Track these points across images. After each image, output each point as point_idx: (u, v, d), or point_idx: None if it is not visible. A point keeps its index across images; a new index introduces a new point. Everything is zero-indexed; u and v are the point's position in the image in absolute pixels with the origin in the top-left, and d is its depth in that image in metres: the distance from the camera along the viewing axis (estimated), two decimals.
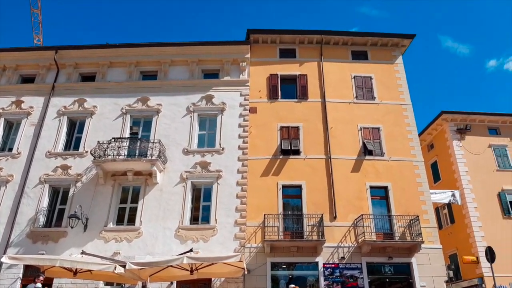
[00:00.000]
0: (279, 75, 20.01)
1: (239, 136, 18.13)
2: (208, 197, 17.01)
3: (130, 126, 18.54)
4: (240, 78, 19.61)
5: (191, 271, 13.72)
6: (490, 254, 15.00)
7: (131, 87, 19.58)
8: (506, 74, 78.29)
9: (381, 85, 20.25)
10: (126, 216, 16.77)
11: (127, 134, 18.31)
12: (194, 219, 16.76)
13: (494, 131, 25.37)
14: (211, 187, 17.08)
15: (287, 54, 20.85)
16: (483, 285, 20.70)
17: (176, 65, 20.02)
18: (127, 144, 17.43)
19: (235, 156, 17.68)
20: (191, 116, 18.65)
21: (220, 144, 17.91)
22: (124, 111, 18.91)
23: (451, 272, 20.40)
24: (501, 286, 19.60)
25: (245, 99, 19.03)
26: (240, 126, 18.40)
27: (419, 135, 25.55)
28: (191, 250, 15.00)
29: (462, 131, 24.74)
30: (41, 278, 11.29)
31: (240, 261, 13.43)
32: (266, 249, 15.81)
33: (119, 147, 16.92)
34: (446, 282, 16.60)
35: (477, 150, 24.36)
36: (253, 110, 18.92)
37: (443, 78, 78.81)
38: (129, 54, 20.08)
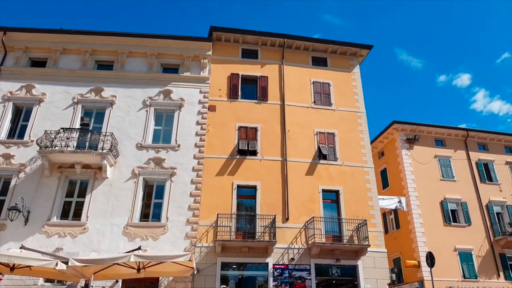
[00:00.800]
0: (240, 75, 19.97)
1: (196, 134, 17.88)
2: (160, 194, 16.61)
3: (81, 117, 17.70)
4: (200, 75, 19.34)
5: (138, 270, 13.31)
6: (430, 259, 15.80)
7: (85, 76, 18.71)
8: (454, 89, 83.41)
9: (338, 92, 20.80)
10: (72, 211, 15.99)
11: (77, 125, 17.45)
12: (144, 216, 16.30)
13: (440, 143, 26.85)
14: (164, 184, 16.69)
15: (249, 54, 20.86)
16: None
17: (134, 56, 19.40)
18: (77, 135, 16.61)
19: (191, 153, 17.40)
20: (147, 110, 18.13)
21: (176, 140, 17.56)
22: (75, 100, 18.03)
23: (394, 275, 21.32)
24: None
25: (204, 97, 18.79)
26: (198, 123, 18.14)
27: (371, 142, 26.56)
28: (139, 248, 14.51)
29: (411, 141, 25.96)
30: None
31: (189, 260, 13.23)
32: (217, 249, 15.70)
33: (68, 138, 16.09)
34: (389, 284, 17.33)
35: (423, 159, 25.67)
36: (212, 108, 18.74)
37: (397, 89, 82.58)
38: (84, 41, 19.18)
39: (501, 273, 23.22)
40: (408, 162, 25.33)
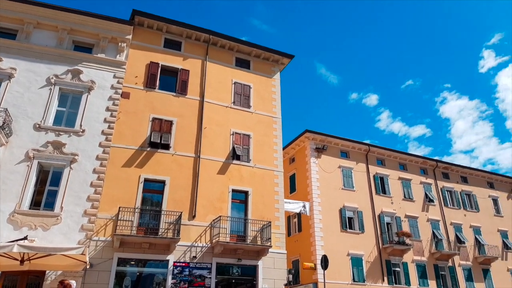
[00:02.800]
0: (160, 65, 19.22)
1: (105, 120, 16.73)
2: (56, 182, 15.18)
3: None
4: (116, 58, 18.15)
5: (22, 261, 12.12)
6: (324, 262, 16.80)
7: None
8: (363, 107, 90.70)
9: (257, 96, 21.17)
10: None
11: None
12: (35, 204, 14.76)
13: (345, 154, 28.84)
14: (62, 170, 15.32)
15: (172, 45, 20.19)
16: None
17: (43, 29, 17.54)
18: None
19: (96, 141, 16.23)
20: (50, 89, 16.49)
21: (81, 125, 16.24)
22: None
23: (291, 276, 22.22)
24: None
25: (118, 82, 17.67)
26: (108, 109, 17.00)
27: (284, 148, 27.58)
28: (25, 238, 13.22)
29: (319, 150, 27.46)
30: None
31: (82, 254, 12.41)
32: (115, 244, 14.85)
33: None
34: (285, 285, 18.03)
35: (329, 169, 27.32)
36: (125, 95, 17.72)
37: (312, 101, 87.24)
38: None
39: (385, 278, 25.63)
40: (315, 170, 26.73)
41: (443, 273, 28.18)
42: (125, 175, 16.31)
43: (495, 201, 34.30)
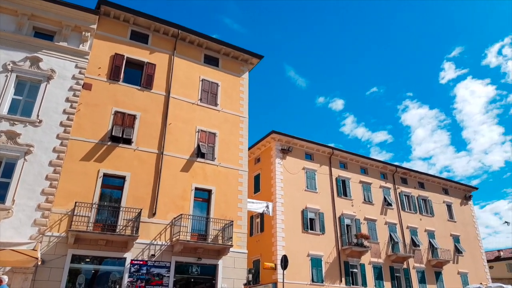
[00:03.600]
0: (125, 57, 18.68)
1: (64, 112, 16.04)
2: (9, 173, 14.39)
3: None
4: (79, 48, 17.46)
5: None
6: (284, 262, 16.94)
7: None
8: (329, 111, 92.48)
9: (225, 94, 21.05)
10: None
11: None
12: None
13: (309, 157, 29.25)
14: (15, 162, 14.54)
15: (139, 38, 19.68)
16: None
17: (1, 12, 16.59)
18: None
19: (54, 132, 15.54)
20: (7, 76, 15.60)
21: (38, 115, 15.50)
22: None
23: (250, 276, 22.28)
24: None
25: (80, 73, 17.00)
26: (68, 100, 16.31)
27: (250, 148, 27.58)
28: None
29: (285, 152, 27.70)
30: None
31: (34, 249, 11.88)
32: (70, 240, 14.28)
33: None
34: (245, 285, 18.04)
35: (293, 170, 27.61)
36: (87, 87, 17.09)
37: (280, 102, 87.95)
38: None
39: (343, 279, 26.20)
40: (279, 170, 26.93)
41: (398, 275, 29.19)
42: (83, 169, 15.72)
43: (449, 206, 35.96)
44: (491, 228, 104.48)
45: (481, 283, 28.31)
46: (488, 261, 40.30)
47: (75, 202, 14.83)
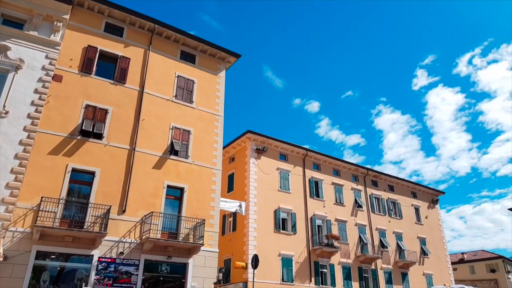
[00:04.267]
0: (98, 49, 18.21)
1: (32, 103, 15.46)
2: None
3: None
4: (50, 38, 16.87)
5: None
6: (255, 261, 16.94)
7: None
8: (305, 113, 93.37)
9: (201, 91, 20.86)
10: None
11: None
12: None
13: (283, 157, 29.42)
14: None
15: (114, 30, 19.23)
16: None
17: None
18: None
19: (21, 124, 14.97)
20: None
21: (4, 106, 14.87)
22: None
23: (221, 275, 22.17)
24: None
25: (50, 64, 16.43)
26: (36, 92, 15.73)
27: (225, 147, 27.51)
28: None
29: (259, 152, 27.75)
30: None
31: None
32: (35, 236, 13.80)
33: None
34: (215, 284, 17.93)
35: (267, 170, 27.70)
36: (57, 78, 16.54)
37: (256, 102, 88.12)
38: None
39: (313, 279, 26.50)
40: (254, 170, 26.95)
41: (366, 275, 29.80)
42: (50, 164, 15.21)
43: (417, 210, 37.02)
44: (456, 232, 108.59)
45: (444, 284, 29.35)
46: (452, 263, 41.83)
47: (41, 197, 14.34)
